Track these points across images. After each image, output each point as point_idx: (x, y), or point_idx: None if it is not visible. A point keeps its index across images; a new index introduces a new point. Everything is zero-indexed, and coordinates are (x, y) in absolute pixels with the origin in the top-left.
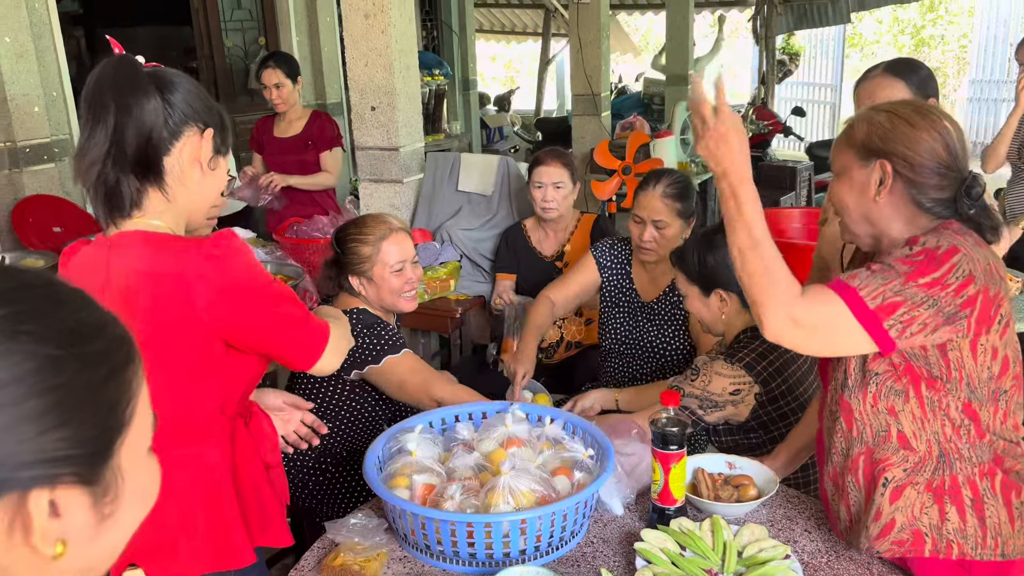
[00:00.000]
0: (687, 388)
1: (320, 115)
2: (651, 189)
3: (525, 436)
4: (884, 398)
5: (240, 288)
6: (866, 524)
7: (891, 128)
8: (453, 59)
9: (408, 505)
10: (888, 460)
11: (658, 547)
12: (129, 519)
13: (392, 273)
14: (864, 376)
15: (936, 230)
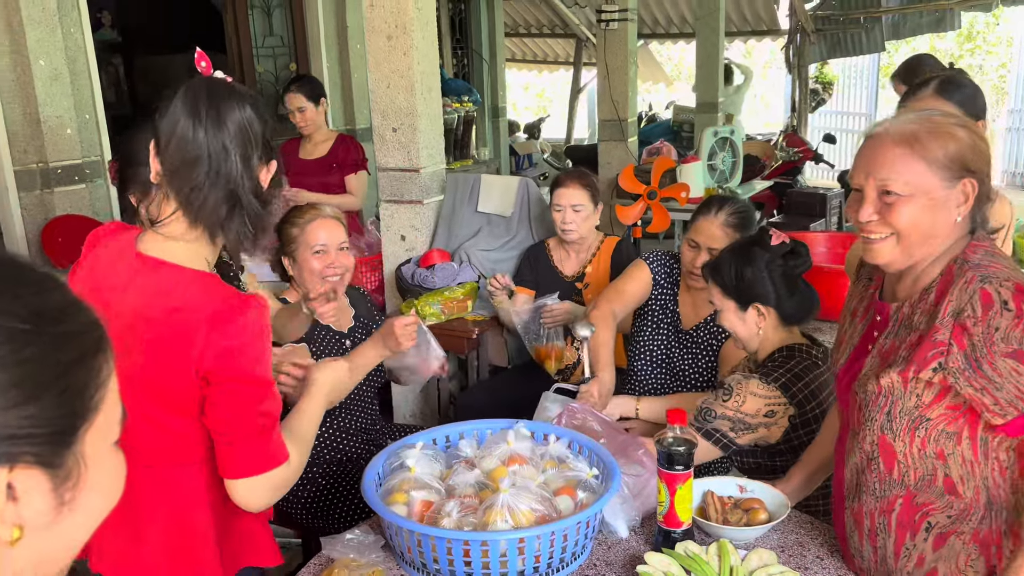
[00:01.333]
0: (718, 409)
1: (345, 138)
2: (712, 215)
3: (528, 454)
4: (933, 441)
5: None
6: (907, 570)
7: (973, 145)
8: (483, 87)
9: (404, 522)
10: (932, 505)
11: (661, 570)
12: (90, 511)
13: (313, 254)
14: (915, 420)
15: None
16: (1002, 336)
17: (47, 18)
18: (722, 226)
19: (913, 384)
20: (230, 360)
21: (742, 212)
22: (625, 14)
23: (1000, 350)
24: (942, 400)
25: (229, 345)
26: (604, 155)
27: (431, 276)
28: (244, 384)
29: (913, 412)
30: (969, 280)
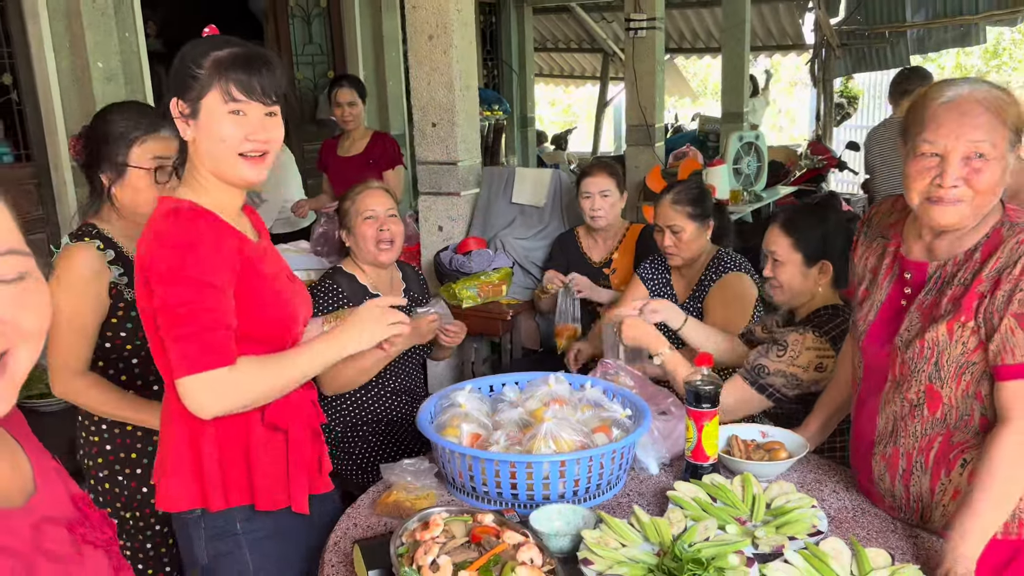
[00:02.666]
0: (772, 365)
1: (382, 135)
2: (663, 198)
3: (567, 396)
4: (976, 383)
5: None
6: (943, 503)
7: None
8: (512, 97)
9: (456, 447)
10: (968, 443)
11: (690, 496)
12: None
13: (364, 220)
14: (961, 367)
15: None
16: (1021, 298)
17: (105, 22)
18: (671, 204)
19: (959, 333)
20: (153, 265)
21: (689, 189)
22: (653, 22)
23: (1013, 309)
24: (984, 346)
25: (152, 253)
26: (631, 159)
27: (468, 261)
28: (167, 285)
29: (960, 359)
30: (1021, 241)
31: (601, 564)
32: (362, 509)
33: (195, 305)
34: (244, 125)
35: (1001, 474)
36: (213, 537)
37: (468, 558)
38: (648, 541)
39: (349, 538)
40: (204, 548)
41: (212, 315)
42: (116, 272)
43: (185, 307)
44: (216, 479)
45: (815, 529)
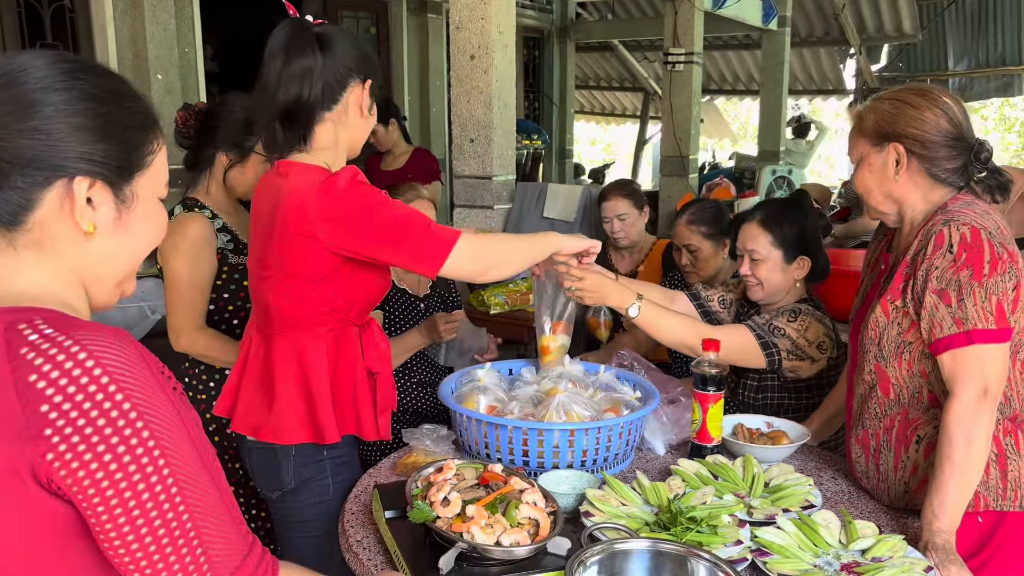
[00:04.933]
0: (785, 328)
1: (422, 152)
2: (679, 219)
3: (581, 378)
4: (917, 362)
5: (346, 214)
6: (904, 479)
7: (896, 113)
8: (552, 129)
9: (473, 412)
10: (920, 419)
11: (692, 471)
12: (138, 235)
13: None
14: (899, 346)
15: (943, 218)
16: (938, 275)
17: (167, 38)
18: (686, 225)
19: (893, 314)
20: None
21: (704, 209)
22: (691, 57)
23: (931, 286)
24: (916, 326)
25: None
26: (665, 190)
27: None
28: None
29: (897, 339)
30: (936, 222)
31: (600, 517)
32: (383, 470)
33: (403, 210)
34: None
35: (958, 444)
36: (302, 464)
37: (477, 496)
38: (648, 503)
39: (369, 491)
40: (292, 474)
41: (417, 212)
42: (224, 239)
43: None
44: (329, 416)
45: (808, 503)
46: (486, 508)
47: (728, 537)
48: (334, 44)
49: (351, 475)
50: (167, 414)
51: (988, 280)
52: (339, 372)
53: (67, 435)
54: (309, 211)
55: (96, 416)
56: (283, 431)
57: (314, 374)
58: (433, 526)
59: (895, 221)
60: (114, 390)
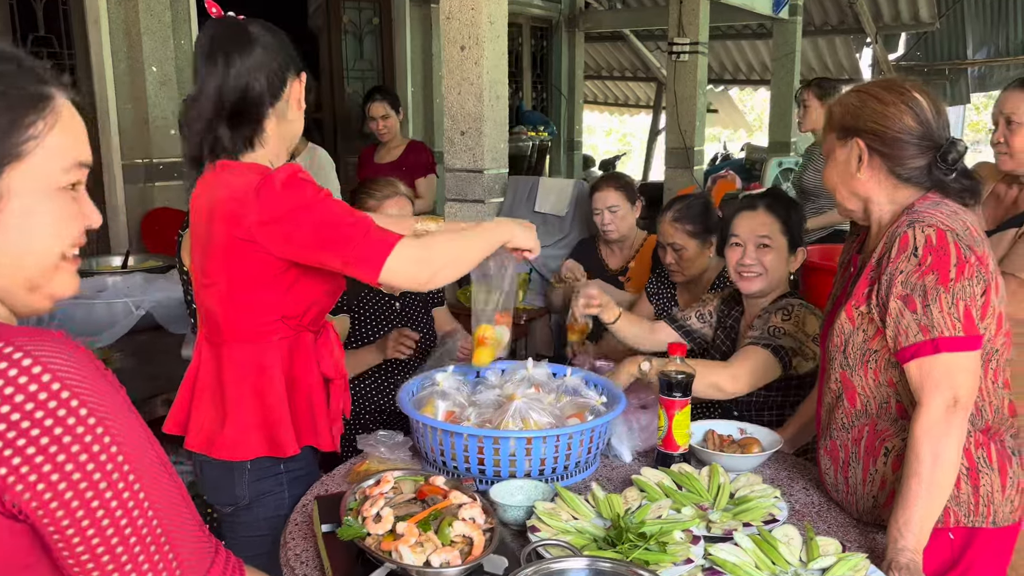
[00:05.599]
0: (784, 326)
1: (417, 144)
2: (663, 216)
3: (544, 380)
4: (884, 371)
5: (282, 216)
6: (873, 493)
7: (861, 106)
8: (560, 121)
9: (428, 420)
10: (888, 431)
11: (654, 481)
12: (26, 238)
13: None
14: (864, 354)
15: (907, 219)
16: (903, 280)
17: (162, 29)
18: (670, 223)
19: (859, 320)
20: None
21: (689, 207)
22: (696, 47)
23: (896, 292)
24: (882, 334)
25: (272, 211)
26: (669, 181)
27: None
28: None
29: (862, 347)
30: (901, 223)
31: (547, 532)
32: (337, 477)
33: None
34: None
35: (925, 459)
36: (258, 478)
37: (411, 511)
38: (601, 516)
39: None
40: (247, 488)
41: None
42: None
43: (337, 218)
44: (287, 428)
45: (771, 517)
46: (419, 525)
47: (678, 555)
48: (269, 38)
49: (305, 488)
50: (124, 416)
51: (955, 285)
52: (295, 381)
53: (22, 448)
54: (246, 214)
55: (52, 425)
56: (238, 446)
57: (269, 385)
58: (362, 544)
59: (863, 219)
60: (68, 396)
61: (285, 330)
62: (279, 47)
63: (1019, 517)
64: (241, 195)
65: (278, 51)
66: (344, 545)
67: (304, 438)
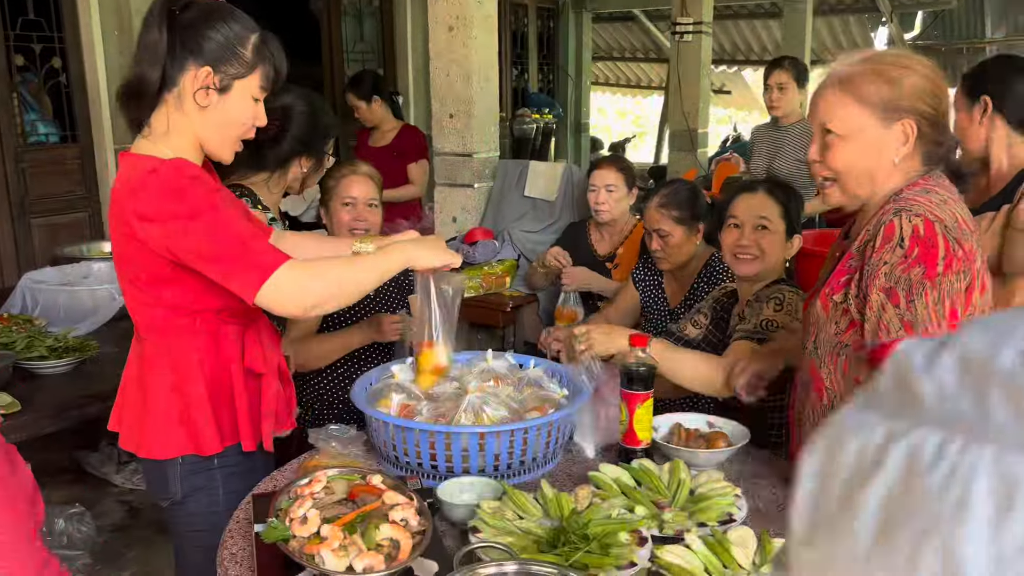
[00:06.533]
0: (778, 319)
1: (410, 129)
2: (650, 202)
3: (505, 373)
4: (853, 368)
5: (159, 215)
6: None
7: (914, 83)
8: (567, 103)
9: (379, 414)
10: None
11: (612, 477)
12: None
13: (342, 206)
14: (835, 347)
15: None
16: (886, 271)
17: None
18: (656, 208)
19: (833, 310)
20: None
21: (677, 192)
22: (700, 27)
23: (879, 284)
24: (855, 327)
25: (150, 207)
26: (673, 165)
27: (473, 252)
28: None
29: (833, 339)
30: (887, 211)
31: (488, 533)
32: (288, 473)
33: (223, 222)
34: (256, 112)
35: None
36: (190, 473)
37: (339, 513)
38: (549, 516)
39: None
40: (179, 484)
41: (245, 227)
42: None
43: (221, 229)
44: (209, 426)
45: (728, 516)
46: (345, 528)
47: (621, 558)
48: (189, 23)
49: (245, 484)
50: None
51: (942, 279)
52: (216, 376)
53: None
54: (128, 207)
55: None
56: (162, 445)
57: (187, 380)
58: (285, 548)
59: (855, 206)
60: None
61: (202, 323)
62: (195, 34)
63: None
64: (126, 187)
65: (190, 37)
66: (273, 547)
67: (227, 436)
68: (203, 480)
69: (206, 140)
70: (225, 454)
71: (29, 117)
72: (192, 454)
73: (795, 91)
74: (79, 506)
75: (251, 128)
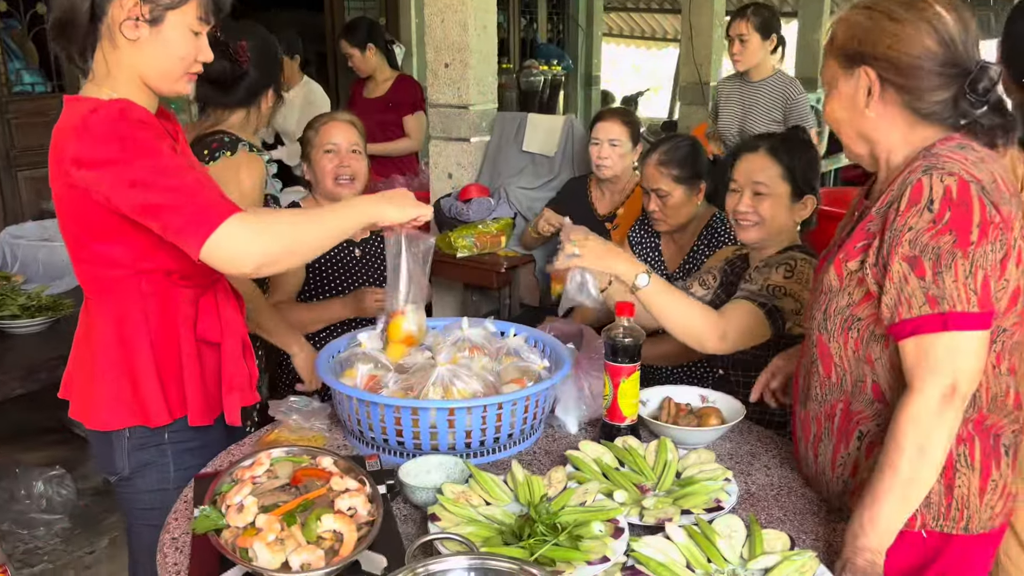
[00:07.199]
0: (786, 284)
1: (406, 79)
2: (648, 158)
3: (482, 342)
4: (865, 345)
5: (98, 161)
6: (843, 477)
7: (870, 26)
8: (577, 55)
9: (342, 387)
10: (863, 413)
11: (592, 457)
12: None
13: (324, 153)
14: (847, 320)
15: (923, 163)
16: (911, 238)
17: None
18: (656, 166)
19: (847, 279)
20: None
21: (677, 148)
22: None
23: (902, 252)
24: (871, 299)
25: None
26: (684, 120)
27: (467, 210)
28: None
29: (845, 311)
30: (915, 168)
31: (448, 521)
32: (246, 448)
33: (166, 169)
34: (198, 46)
35: (907, 450)
36: (138, 447)
37: (279, 501)
38: (518, 501)
39: None
40: (127, 459)
41: (192, 176)
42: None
43: (163, 177)
44: (156, 395)
45: (716, 504)
46: (284, 518)
47: (592, 552)
48: None
49: (200, 461)
50: None
51: (975, 250)
52: (163, 344)
53: None
54: (66, 152)
55: None
56: (106, 416)
57: (133, 346)
58: (215, 541)
59: (870, 164)
60: None
61: (149, 285)
62: None
63: (999, 524)
64: (64, 130)
65: None
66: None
67: (177, 409)
68: (152, 455)
69: (147, 77)
70: (177, 427)
71: (13, 66)
72: (140, 426)
73: (759, 43)
74: (59, 468)
75: (196, 63)
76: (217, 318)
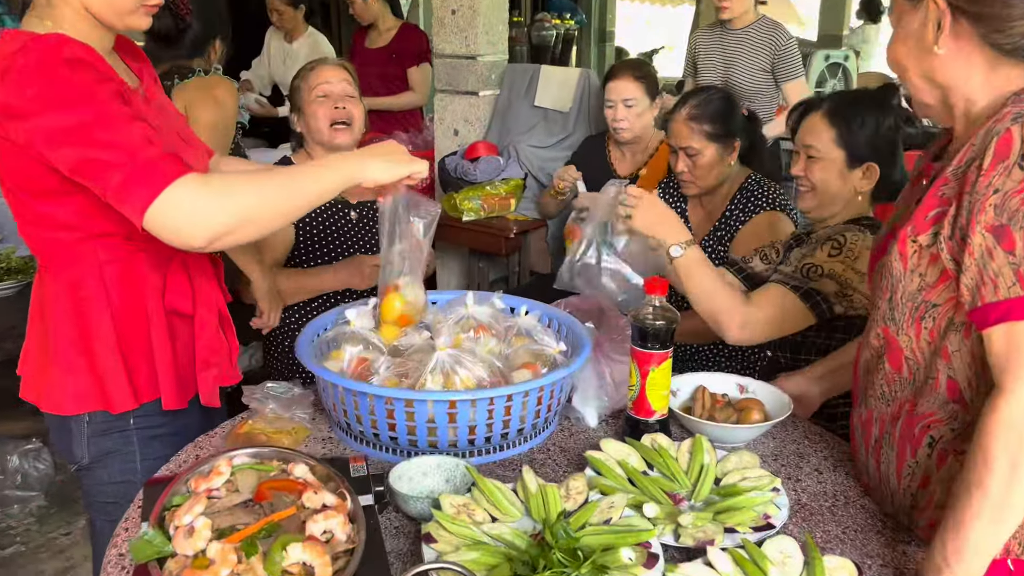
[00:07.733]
0: (827, 265)
1: (410, 28)
2: (677, 113)
3: (488, 321)
4: (942, 336)
5: (25, 110)
6: (911, 490)
7: None
8: (591, 8)
9: (322, 371)
10: (934, 415)
11: (616, 459)
12: None
13: (317, 99)
14: (919, 307)
15: (1014, 110)
16: (997, 203)
17: None
18: (685, 121)
19: (915, 258)
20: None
21: (710, 101)
22: None
23: (985, 220)
24: (947, 281)
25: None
26: None
27: (473, 169)
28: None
29: (916, 297)
30: (1002, 117)
31: (446, 544)
32: (216, 439)
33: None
34: None
35: (997, 466)
36: (100, 434)
37: (237, 523)
38: (531, 516)
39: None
40: (87, 447)
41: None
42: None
43: (102, 129)
44: (119, 376)
45: (765, 521)
46: (242, 545)
47: None
48: None
49: (171, 450)
50: None
51: None
52: (128, 317)
53: None
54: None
55: None
56: (63, 400)
57: (92, 321)
58: (157, 573)
59: (943, 116)
60: None
61: (107, 250)
62: None
63: None
64: None
65: None
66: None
67: (144, 391)
68: (116, 442)
69: (94, 7)
70: (143, 412)
71: None
72: (101, 411)
73: None
74: (36, 441)
75: None
76: (189, 285)
